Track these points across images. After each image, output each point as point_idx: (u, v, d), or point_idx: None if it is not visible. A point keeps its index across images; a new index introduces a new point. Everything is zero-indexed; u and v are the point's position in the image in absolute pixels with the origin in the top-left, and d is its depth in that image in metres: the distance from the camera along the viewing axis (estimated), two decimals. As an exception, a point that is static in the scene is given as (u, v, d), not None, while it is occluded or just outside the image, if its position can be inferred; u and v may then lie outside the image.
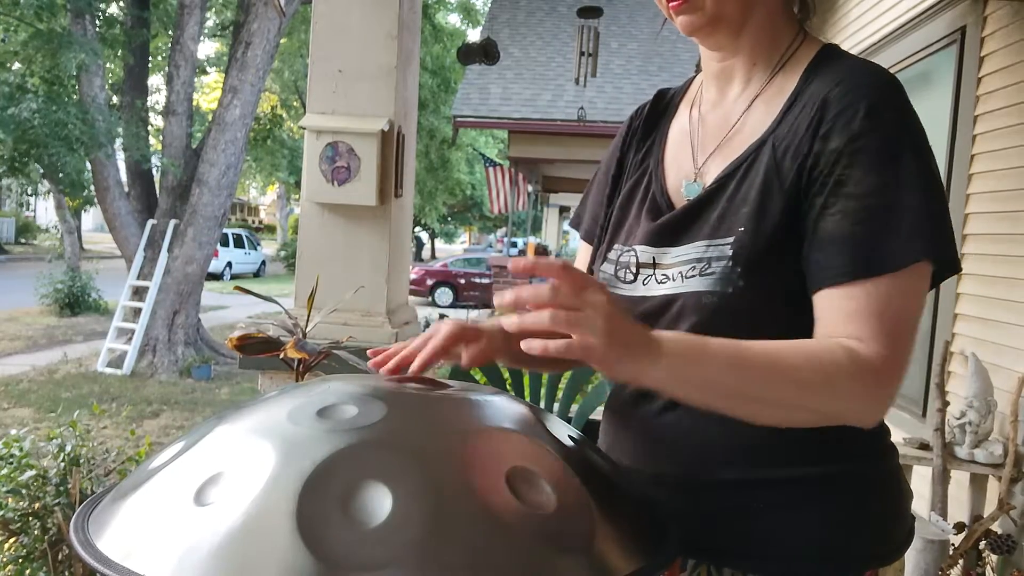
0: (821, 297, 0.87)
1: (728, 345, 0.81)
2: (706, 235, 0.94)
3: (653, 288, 0.97)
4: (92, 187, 9.72)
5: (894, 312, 0.84)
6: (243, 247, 22.99)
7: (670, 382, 0.80)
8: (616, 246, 1.04)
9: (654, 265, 0.98)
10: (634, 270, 1.00)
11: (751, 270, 0.89)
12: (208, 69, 19.16)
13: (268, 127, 16.66)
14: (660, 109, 1.12)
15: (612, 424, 1.06)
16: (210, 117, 10.34)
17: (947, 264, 0.88)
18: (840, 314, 0.85)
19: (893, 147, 0.86)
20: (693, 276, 0.93)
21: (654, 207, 1.01)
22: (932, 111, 3.75)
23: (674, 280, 0.95)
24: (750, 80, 1.00)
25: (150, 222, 9.58)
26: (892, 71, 3.99)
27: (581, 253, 1.17)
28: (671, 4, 0.95)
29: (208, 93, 23.96)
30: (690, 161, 1.01)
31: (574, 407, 2.83)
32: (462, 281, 18.31)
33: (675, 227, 0.97)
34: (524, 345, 0.75)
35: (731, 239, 0.91)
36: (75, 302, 12.80)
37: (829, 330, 0.86)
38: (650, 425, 0.98)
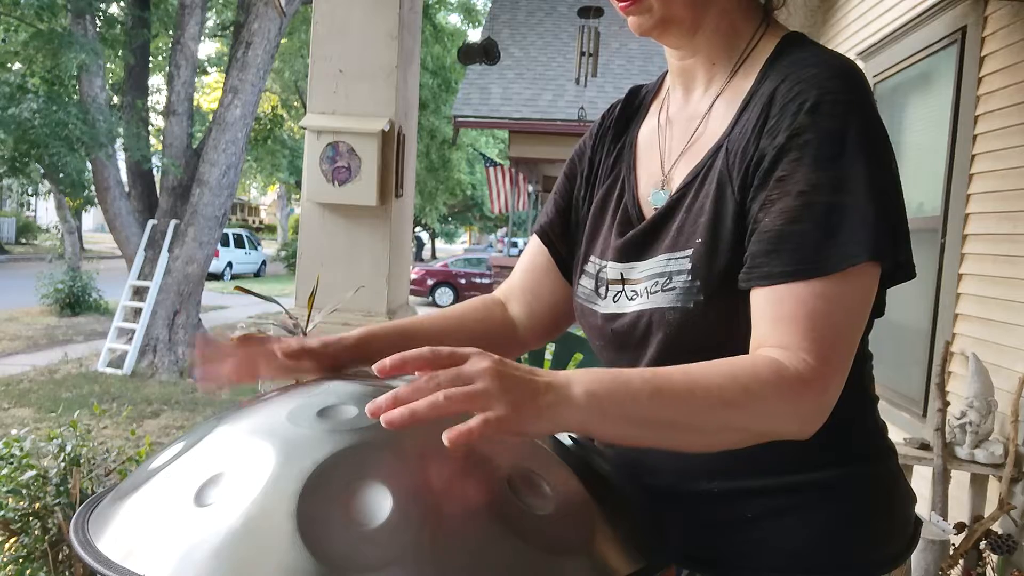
0: (754, 298, 0.83)
1: (648, 376, 0.76)
2: (667, 248, 0.91)
3: (624, 304, 0.95)
4: (93, 187, 9.70)
5: (827, 318, 0.79)
6: (243, 247, 22.97)
7: (593, 424, 0.73)
8: (592, 258, 1.01)
9: (622, 281, 0.96)
10: (606, 286, 0.98)
11: (711, 284, 0.86)
12: (208, 69, 19.15)
13: (269, 127, 16.64)
14: (632, 108, 1.07)
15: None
16: (211, 117, 10.33)
17: (899, 266, 0.83)
18: (769, 319, 0.81)
19: (838, 143, 0.81)
20: (656, 292, 0.90)
21: (625, 218, 0.98)
22: (932, 111, 3.75)
23: (641, 296, 0.93)
24: (712, 80, 0.96)
25: (151, 222, 9.57)
26: (892, 71, 3.96)
27: (531, 246, 1.12)
28: (620, 4, 0.92)
29: (209, 93, 23.98)
30: (658, 167, 0.98)
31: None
32: (462, 281, 18.29)
33: (639, 241, 0.95)
34: (447, 441, 0.66)
35: (689, 252, 0.88)
36: (76, 302, 12.78)
37: (759, 335, 0.82)
38: None
